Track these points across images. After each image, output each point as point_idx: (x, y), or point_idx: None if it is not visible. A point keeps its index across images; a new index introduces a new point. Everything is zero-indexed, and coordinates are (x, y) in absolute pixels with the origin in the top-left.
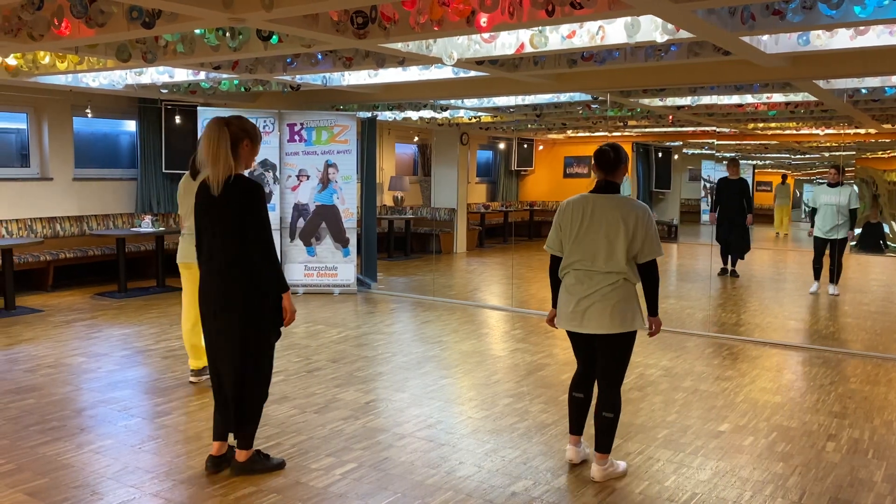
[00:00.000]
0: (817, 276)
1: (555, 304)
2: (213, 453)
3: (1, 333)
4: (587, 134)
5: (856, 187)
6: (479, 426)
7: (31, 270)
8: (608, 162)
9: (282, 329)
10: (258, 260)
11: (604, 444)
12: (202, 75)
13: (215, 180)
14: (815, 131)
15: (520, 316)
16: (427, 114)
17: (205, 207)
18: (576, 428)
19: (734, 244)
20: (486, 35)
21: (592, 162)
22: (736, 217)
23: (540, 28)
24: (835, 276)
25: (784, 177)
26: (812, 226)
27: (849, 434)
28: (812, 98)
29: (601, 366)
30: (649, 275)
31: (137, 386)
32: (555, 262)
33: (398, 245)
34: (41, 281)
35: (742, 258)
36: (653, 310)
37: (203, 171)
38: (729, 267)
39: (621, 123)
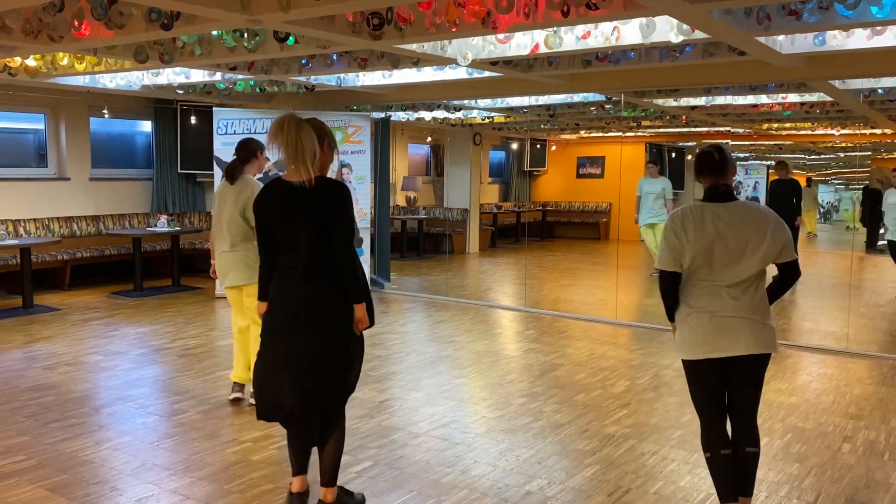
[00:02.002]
0: None
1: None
2: (295, 490)
3: (20, 331)
4: (600, 134)
5: None
6: (494, 426)
7: (48, 269)
8: (714, 164)
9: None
10: (343, 264)
11: (751, 484)
12: (218, 76)
13: (307, 176)
14: (830, 131)
15: (533, 316)
16: (440, 114)
17: (284, 209)
18: (733, 493)
19: None
20: (500, 36)
21: (696, 167)
22: (786, 218)
23: (555, 29)
24: None
25: (809, 180)
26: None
27: (864, 435)
28: (828, 98)
29: (744, 394)
30: (792, 275)
31: (154, 384)
32: (674, 280)
33: (411, 245)
34: (58, 280)
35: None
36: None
37: (280, 170)
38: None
39: (635, 124)
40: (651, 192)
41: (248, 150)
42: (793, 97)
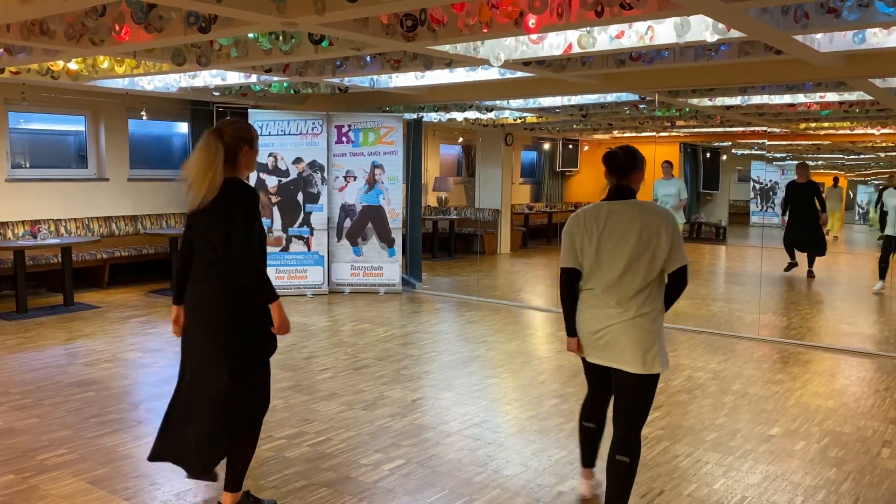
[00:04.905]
0: (882, 276)
1: (572, 332)
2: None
3: (61, 328)
4: (634, 134)
5: None
6: (526, 426)
7: (88, 268)
8: (619, 167)
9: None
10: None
11: (618, 495)
12: (253, 78)
13: (195, 201)
14: (870, 131)
15: None
16: (472, 115)
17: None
18: (588, 460)
19: (810, 245)
20: (533, 36)
21: (604, 167)
22: (808, 219)
23: (588, 29)
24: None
25: (836, 179)
26: (882, 228)
27: None
28: (867, 97)
29: (619, 406)
30: (680, 284)
31: None
32: (571, 278)
33: (442, 245)
34: (97, 278)
35: (822, 254)
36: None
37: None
38: (807, 267)
39: (668, 124)
40: (668, 194)
41: None
42: (831, 96)
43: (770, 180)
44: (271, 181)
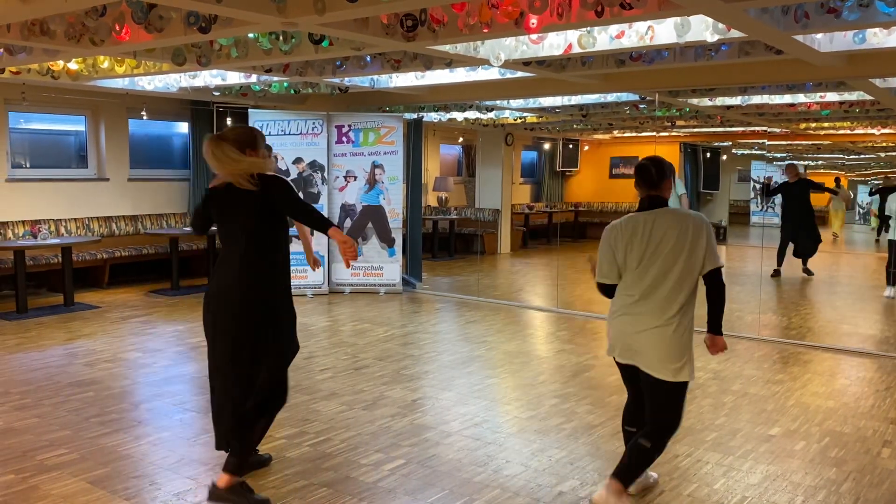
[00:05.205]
0: (892, 282)
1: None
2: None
3: (61, 328)
4: (634, 134)
5: None
6: (526, 426)
7: (88, 268)
8: (650, 178)
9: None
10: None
11: (625, 474)
12: (254, 78)
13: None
14: (870, 131)
15: (565, 317)
16: (472, 114)
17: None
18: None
19: (801, 243)
20: (533, 36)
21: (635, 180)
22: (804, 217)
23: (588, 29)
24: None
25: (837, 180)
26: (878, 231)
27: None
28: (868, 97)
29: (649, 409)
30: (716, 286)
31: (191, 381)
32: (608, 291)
33: (442, 245)
34: (98, 278)
35: (813, 254)
36: (715, 327)
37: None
38: (801, 265)
39: (669, 123)
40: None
41: None
42: (831, 96)
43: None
44: None
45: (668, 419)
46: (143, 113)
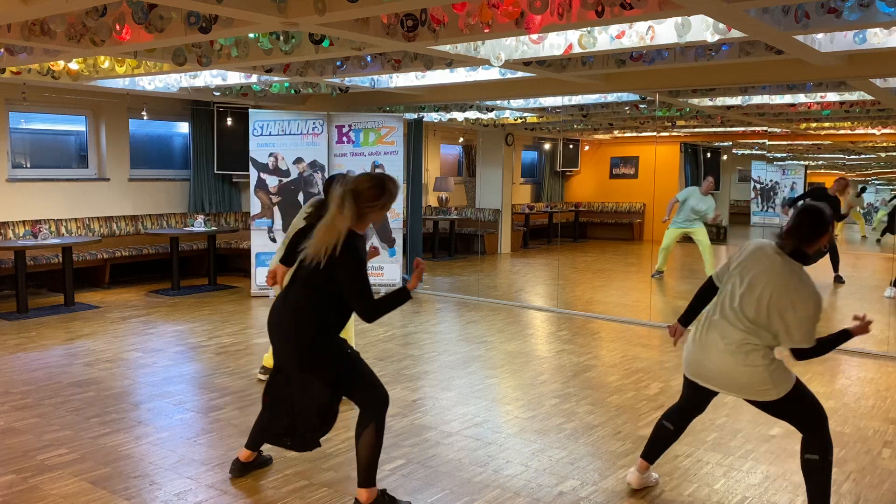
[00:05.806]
0: (894, 282)
1: (681, 320)
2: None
3: (61, 328)
4: (634, 134)
5: None
6: (526, 426)
7: (88, 268)
8: (804, 235)
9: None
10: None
11: (815, 494)
12: (254, 78)
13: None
14: (871, 131)
15: (565, 317)
16: (473, 115)
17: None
18: (651, 456)
19: (832, 251)
20: (534, 36)
21: (794, 229)
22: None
23: (589, 29)
24: None
25: (863, 188)
26: (883, 232)
27: None
28: (868, 97)
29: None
30: (803, 356)
31: (191, 381)
32: (710, 284)
33: (442, 245)
34: (98, 278)
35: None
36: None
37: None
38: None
39: (669, 123)
40: (698, 209)
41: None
42: (832, 96)
43: (771, 180)
44: (272, 181)
45: (804, 424)
46: (144, 113)
